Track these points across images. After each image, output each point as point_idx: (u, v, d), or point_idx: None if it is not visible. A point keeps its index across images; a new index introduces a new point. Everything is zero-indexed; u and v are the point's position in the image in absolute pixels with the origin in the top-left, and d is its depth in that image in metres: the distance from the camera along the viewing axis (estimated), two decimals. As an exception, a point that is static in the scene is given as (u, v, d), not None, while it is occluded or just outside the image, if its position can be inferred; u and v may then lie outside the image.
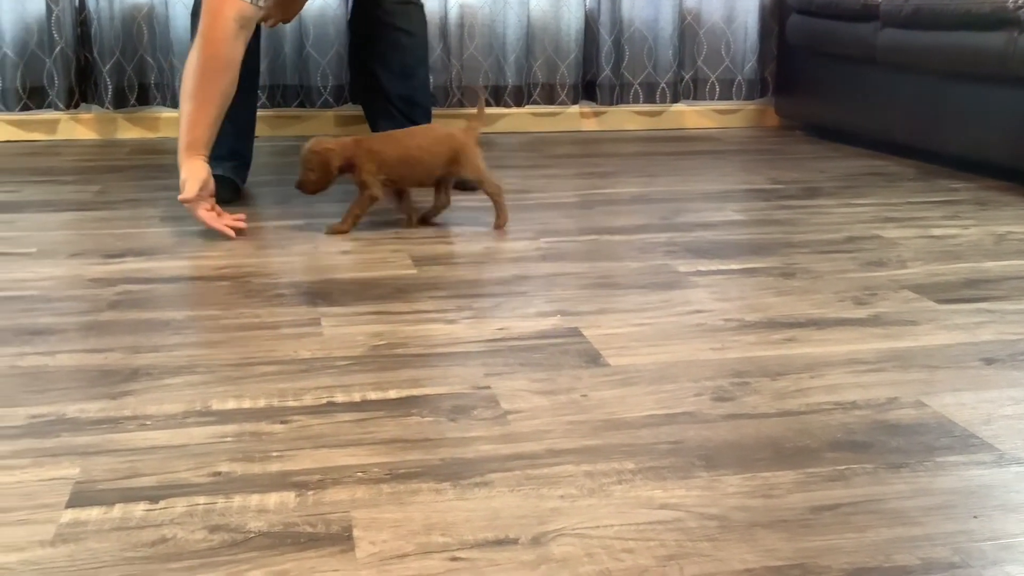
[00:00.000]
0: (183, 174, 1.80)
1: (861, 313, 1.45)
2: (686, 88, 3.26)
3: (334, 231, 1.89)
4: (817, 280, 1.62)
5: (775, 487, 0.94)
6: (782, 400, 1.14)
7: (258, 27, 2.19)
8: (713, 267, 1.69)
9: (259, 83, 2.24)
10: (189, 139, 1.81)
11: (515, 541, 0.85)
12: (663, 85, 3.19)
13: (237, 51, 1.82)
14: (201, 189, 1.79)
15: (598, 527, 0.87)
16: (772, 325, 1.40)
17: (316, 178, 1.86)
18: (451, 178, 1.95)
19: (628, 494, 0.93)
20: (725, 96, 3.28)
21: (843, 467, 0.98)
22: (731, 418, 1.09)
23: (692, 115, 3.31)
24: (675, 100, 3.23)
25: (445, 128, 1.95)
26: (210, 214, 1.82)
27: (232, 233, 1.83)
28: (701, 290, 1.56)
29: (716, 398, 1.15)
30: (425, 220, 1.99)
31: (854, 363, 1.26)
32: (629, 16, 3.14)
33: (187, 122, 1.81)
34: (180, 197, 1.79)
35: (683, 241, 1.85)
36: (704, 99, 3.28)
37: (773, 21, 3.27)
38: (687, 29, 3.22)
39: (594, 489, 0.94)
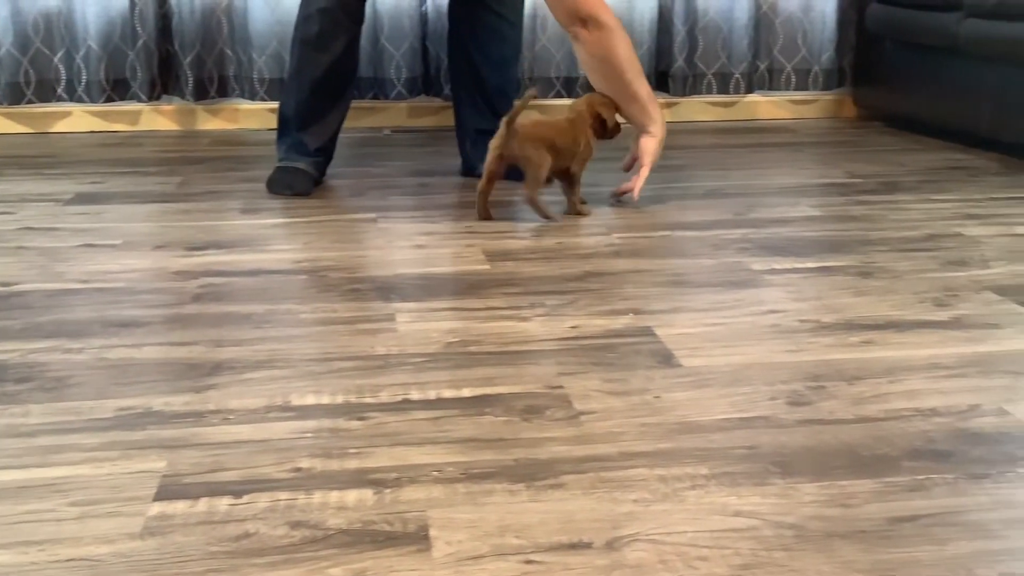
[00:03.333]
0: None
1: (942, 315, 1.42)
2: (761, 78, 3.21)
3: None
4: (896, 280, 1.59)
5: (852, 496, 0.93)
6: (860, 406, 1.13)
7: (360, 31, 2.21)
8: (788, 265, 1.67)
9: (355, 85, 2.28)
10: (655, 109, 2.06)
11: (589, 545, 0.85)
12: (737, 75, 3.15)
13: None
14: None
15: (672, 533, 0.87)
16: (849, 327, 1.38)
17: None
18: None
19: (702, 500, 0.93)
20: (801, 86, 3.22)
21: (923, 477, 0.97)
22: (807, 424, 1.08)
23: (767, 106, 3.26)
24: (749, 90, 3.19)
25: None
26: None
27: None
28: (776, 289, 1.54)
29: (792, 402, 1.14)
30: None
31: (934, 368, 1.23)
32: (704, 6, 3.10)
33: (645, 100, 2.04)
34: None
35: (757, 238, 1.83)
36: (780, 89, 3.23)
37: (852, 10, 3.20)
38: (763, 18, 3.17)
39: (668, 494, 0.94)
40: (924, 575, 0.81)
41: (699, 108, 3.22)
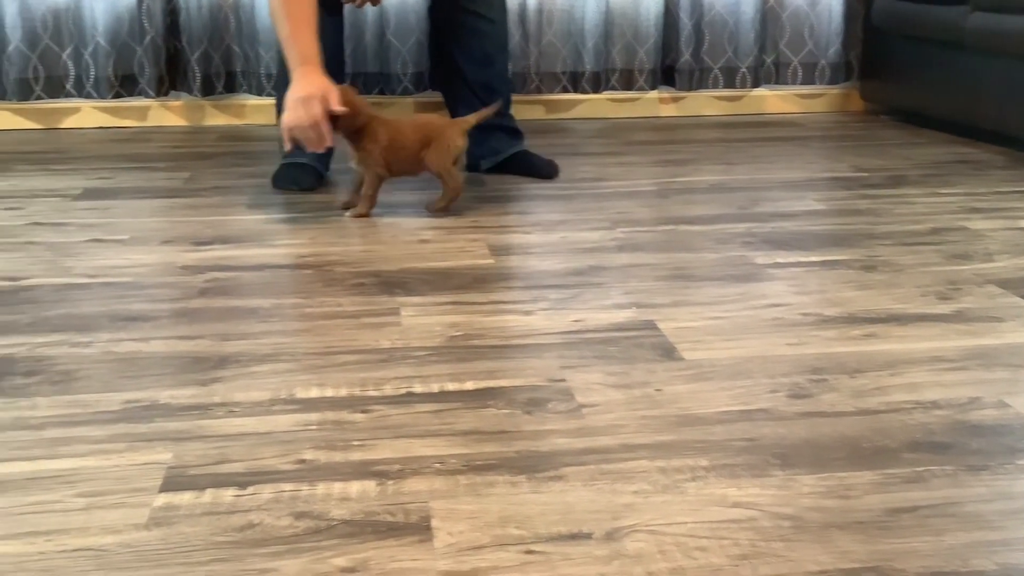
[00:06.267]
0: (303, 88, 1.80)
1: (944, 309, 1.43)
2: (767, 72, 3.21)
3: (357, 215, 1.95)
4: (899, 274, 1.59)
5: (851, 488, 0.94)
6: (860, 398, 1.13)
7: (342, 19, 2.22)
8: (792, 259, 1.67)
9: (345, 72, 2.28)
10: (300, 53, 1.84)
11: (589, 536, 0.86)
12: (744, 70, 3.15)
13: None
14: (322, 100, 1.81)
15: (671, 524, 0.88)
16: (852, 320, 1.38)
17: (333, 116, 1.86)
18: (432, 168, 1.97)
19: (702, 491, 0.93)
20: (808, 80, 3.22)
21: (922, 468, 0.98)
22: (807, 416, 1.09)
23: (773, 100, 3.26)
24: (756, 85, 3.19)
25: (428, 117, 2.01)
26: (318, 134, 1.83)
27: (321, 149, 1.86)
28: (779, 283, 1.55)
29: (792, 395, 1.14)
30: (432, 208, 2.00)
31: (936, 361, 1.24)
32: (710, 0, 3.10)
33: (291, 40, 1.85)
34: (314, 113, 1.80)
35: (761, 232, 1.84)
36: (786, 83, 3.22)
37: (859, 4, 3.20)
38: (769, 12, 3.16)
39: (668, 485, 0.94)
40: (921, 565, 0.82)
41: (705, 102, 3.22)
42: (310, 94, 1.81)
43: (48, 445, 1.02)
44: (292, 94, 1.83)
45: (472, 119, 1.99)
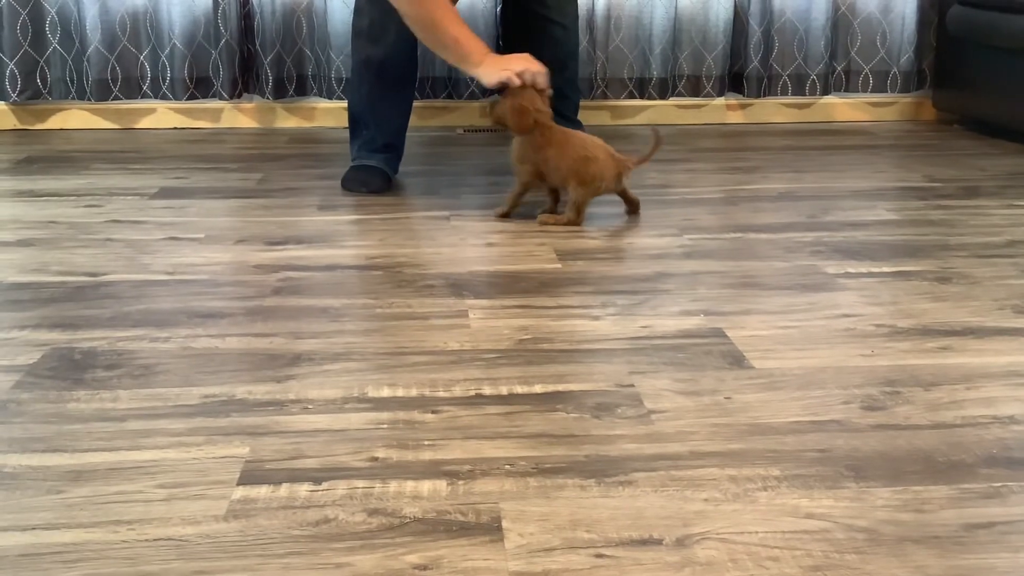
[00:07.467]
0: (505, 59, 1.91)
1: (1021, 323, 1.40)
2: (837, 80, 3.17)
3: (498, 215, 1.98)
4: (975, 286, 1.56)
5: (927, 502, 0.93)
6: (935, 412, 1.12)
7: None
8: (863, 269, 1.65)
9: (416, 78, 2.31)
10: (477, 49, 1.90)
11: (659, 542, 0.86)
12: (813, 77, 3.11)
13: None
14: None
15: (743, 533, 0.88)
16: (926, 332, 1.36)
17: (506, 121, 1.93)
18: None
19: (773, 501, 0.93)
20: (879, 88, 3.17)
21: (999, 484, 0.96)
22: (881, 428, 1.08)
23: (843, 108, 3.22)
24: (825, 92, 3.15)
25: (599, 147, 1.91)
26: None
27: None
28: (850, 293, 1.53)
29: (866, 407, 1.13)
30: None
31: (1013, 375, 1.22)
32: (780, 6, 3.07)
33: (460, 40, 1.90)
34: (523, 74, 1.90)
35: (832, 241, 1.82)
36: (856, 91, 3.18)
37: (933, 12, 3.14)
38: (841, 19, 3.12)
39: (739, 494, 0.94)
40: (999, 583, 0.80)
41: (773, 109, 3.19)
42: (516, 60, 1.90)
43: (130, 437, 1.05)
44: (498, 66, 1.88)
45: (633, 162, 1.93)
